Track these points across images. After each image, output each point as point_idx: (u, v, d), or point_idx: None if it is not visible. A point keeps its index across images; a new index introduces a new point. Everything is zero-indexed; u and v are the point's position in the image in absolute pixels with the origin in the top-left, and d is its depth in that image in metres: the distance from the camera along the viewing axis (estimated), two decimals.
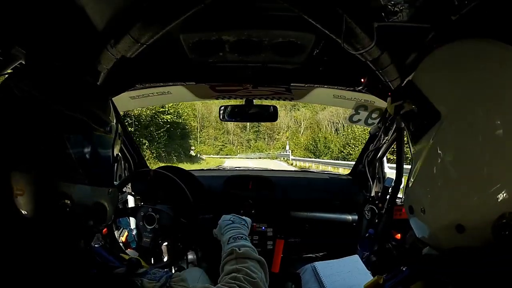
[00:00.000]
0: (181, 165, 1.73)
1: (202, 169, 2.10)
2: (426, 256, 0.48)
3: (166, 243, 1.27)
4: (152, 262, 1.29)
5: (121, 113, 1.53)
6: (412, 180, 0.48)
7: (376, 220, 1.46)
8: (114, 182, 0.64)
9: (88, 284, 0.46)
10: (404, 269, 0.48)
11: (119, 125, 0.60)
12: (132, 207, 1.31)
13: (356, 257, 1.24)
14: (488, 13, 0.58)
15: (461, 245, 0.41)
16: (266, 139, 45.06)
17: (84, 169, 0.51)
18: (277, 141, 43.35)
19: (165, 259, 1.27)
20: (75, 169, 0.50)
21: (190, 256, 1.48)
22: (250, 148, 44.08)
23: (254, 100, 1.55)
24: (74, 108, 0.50)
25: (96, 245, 1.08)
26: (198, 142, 42.64)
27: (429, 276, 0.42)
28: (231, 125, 41.89)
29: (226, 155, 37.01)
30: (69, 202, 0.49)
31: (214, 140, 45.46)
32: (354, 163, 1.79)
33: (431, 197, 0.44)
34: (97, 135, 0.54)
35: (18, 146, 0.47)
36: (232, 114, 1.56)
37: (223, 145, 45.34)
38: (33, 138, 0.47)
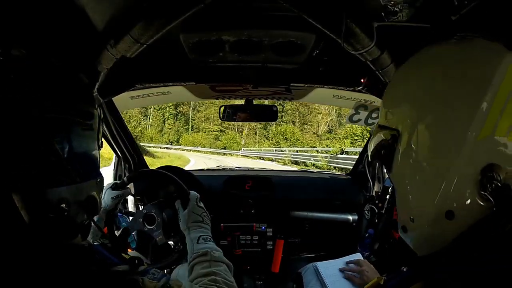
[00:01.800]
0: None
1: (202, 169, 2.10)
2: (425, 255, 0.48)
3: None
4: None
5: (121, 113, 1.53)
6: (398, 202, 0.51)
7: (376, 220, 1.47)
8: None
9: (89, 282, 0.46)
10: (404, 269, 0.48)
11: (99, 109, 0.58)
12: (131, 214, 1.30)
13: (357, 256, 1.24)
14: (488, 13, 0.58)
15: (459, 231, 0.42)
16: (296, 123, 26.85)
17: (75, 168, 0.49)
18: (311, 125, 26.05)
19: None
20: (66, 171, 0.48)
21: None
22: (268, 138, 26.60)
23: (254, 100, 1.56)
24: (56, 108, 0.47)
25: (95, 243, 1.08)
26: (190, 128, 28.93)
27: (429, 276, 0.42)
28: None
29: (224, 147, 23.72)
30: (65, 205, 0.47)
31: (212, 123, 28.59)
32: None
33: (413, 204, 0.47)
34: (83, 130, 0.52)
35: (3, 161, 0.42)
36: (232, 114, 1.56)
37: (220, 132, 27.78)
38: (18, 149, 0.43)
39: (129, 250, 1.28)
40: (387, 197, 1.43)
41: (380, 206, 1.46)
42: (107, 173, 1.64)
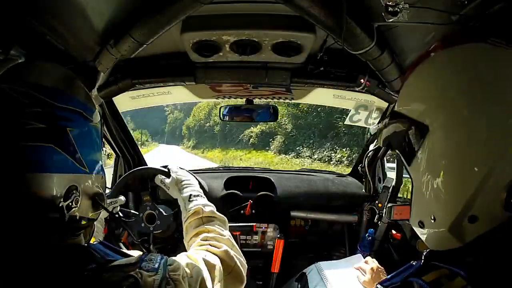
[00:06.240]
0: None
1: (202, 169, 2.10)
2: (441, 251, 0.48)
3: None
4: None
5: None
6: (416, 196, 0.50)
7: (376, 220, 1.46)
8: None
9: (85, 280, 0.45)
10: (414, 263, 0.49)
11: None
12: (131, 215, 1.31)
13: (359, 256, 1.24)
14: (488, 13, 0.58)
15: (477, 234, 0.42)
16: None
17: (85, 158, 0.51)
18: None
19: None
20: (78, 159, 0.50)
21: None
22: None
23: (254, 100, 1.55)
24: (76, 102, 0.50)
25: (94, 242, 1.08)
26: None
27: (440, 267, 0.43)
28: None
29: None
30: (78, 194, 0.49)
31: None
32: None
33: (436, 203, 0.46)
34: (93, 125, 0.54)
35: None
36: (232, 114, 1.56)
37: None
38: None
39: (130, 248, 1.28)
40: (388, 197, 1.43)
41: (380, 206, 1.46)
42: (107, 173, 1.64)
